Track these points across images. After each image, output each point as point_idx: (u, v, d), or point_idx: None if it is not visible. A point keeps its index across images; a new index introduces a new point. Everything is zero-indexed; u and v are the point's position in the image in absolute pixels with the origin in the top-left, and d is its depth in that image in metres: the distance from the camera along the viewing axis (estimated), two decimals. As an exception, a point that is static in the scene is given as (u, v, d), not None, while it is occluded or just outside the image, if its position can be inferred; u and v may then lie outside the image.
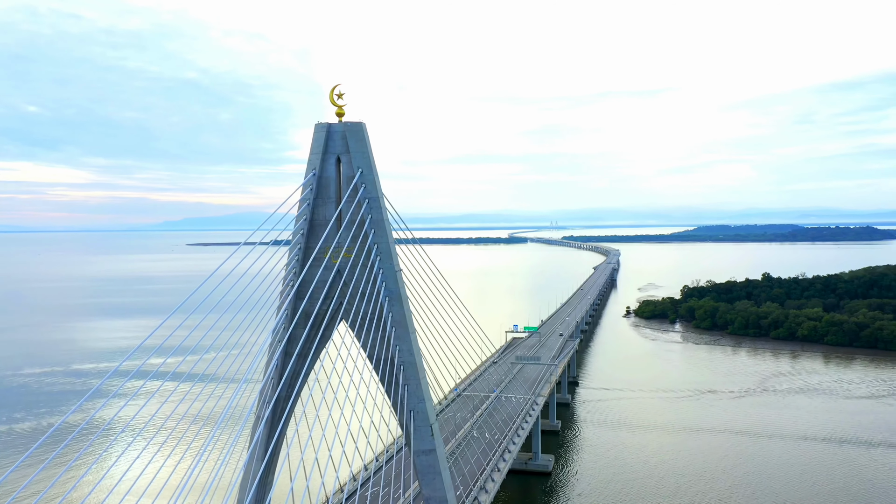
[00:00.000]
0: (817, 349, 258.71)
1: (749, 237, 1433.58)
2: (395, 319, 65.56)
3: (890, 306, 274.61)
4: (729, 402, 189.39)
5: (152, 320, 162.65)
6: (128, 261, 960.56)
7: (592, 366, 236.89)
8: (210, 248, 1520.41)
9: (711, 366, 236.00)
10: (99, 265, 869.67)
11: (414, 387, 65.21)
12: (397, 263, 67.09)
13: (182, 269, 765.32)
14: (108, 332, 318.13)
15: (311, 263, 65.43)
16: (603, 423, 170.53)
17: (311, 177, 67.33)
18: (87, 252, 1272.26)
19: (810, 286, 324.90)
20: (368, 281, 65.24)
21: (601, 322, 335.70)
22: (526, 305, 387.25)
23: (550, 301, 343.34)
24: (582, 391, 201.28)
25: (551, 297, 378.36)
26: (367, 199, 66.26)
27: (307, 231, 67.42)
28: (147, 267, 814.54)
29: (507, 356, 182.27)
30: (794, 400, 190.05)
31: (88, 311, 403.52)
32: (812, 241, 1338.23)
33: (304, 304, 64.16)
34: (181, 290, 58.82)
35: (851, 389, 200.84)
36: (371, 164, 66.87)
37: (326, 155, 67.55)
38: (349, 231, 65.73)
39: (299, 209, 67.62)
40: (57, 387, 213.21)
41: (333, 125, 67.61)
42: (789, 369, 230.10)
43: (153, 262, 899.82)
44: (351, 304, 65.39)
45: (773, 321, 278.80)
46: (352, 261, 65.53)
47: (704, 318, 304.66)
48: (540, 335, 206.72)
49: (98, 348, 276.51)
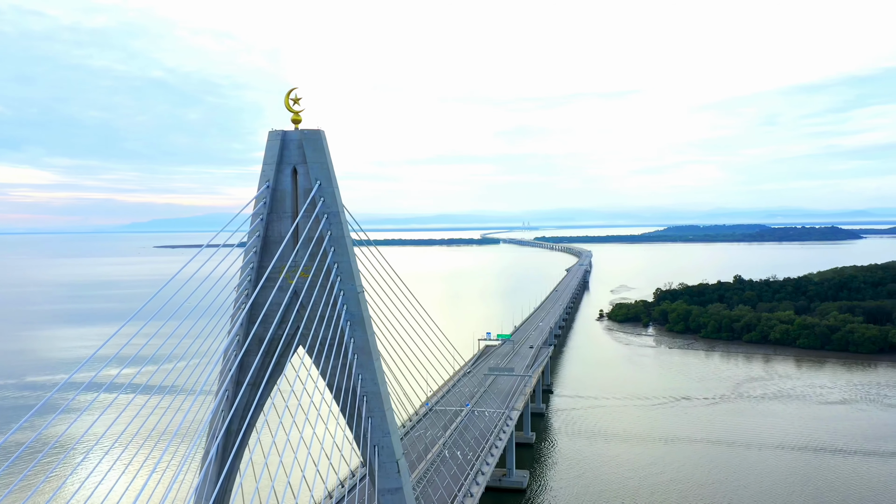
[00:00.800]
0: (789, 352, 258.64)
1: (718, 237, 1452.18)
2: (358, 345, 60.05)
3: (860, 309, 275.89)
4: (704, 409, 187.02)
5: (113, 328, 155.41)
6: (92, 264, 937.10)
7: (567, 372, 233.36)
8: (178, 250, 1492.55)
9: (685, 371, 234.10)
10: (61, 269, 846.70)
11: (378, 419, 59.75)
12: (360, 284, 61.58)
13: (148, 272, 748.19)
14: (66, 340, 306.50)
15: (265, 284, 59.68)
16: (578, 433, 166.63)
17: (264, 189, 61.54)
18: (49, 255, 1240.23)
19: (781, 288, 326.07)
20: (328, 304, 59.67)
21: (574, 326, 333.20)
22: (499, 309, 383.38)
23: (524, 305, 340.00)
24: (556, 399, 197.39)
25: (524, 301, 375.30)
26: (326, 213, 60.68)
27: (260, 249, 61.61)
28: (112, 271, 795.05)
29: (480, 366, 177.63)
30: (768, 406, 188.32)
31: (47, 318, 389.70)
32: (779, 240, 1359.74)
33: (255, 327, 58.41)
34: (146, 296, 53.89)
35: (824, 394, 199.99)
36: (331, 176, 61.29)
37: (281, 165, 61.82)
38: (306, 249, 60.13)
39: (252, 224, 61.81)
40: (7, 401, 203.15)
41: (289, 133, 61.91)
42: (762, 374, 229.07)
43: (119, 266, 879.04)
44: (308, 328, 59.77)
45: (745, 324, 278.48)
46: (309, 281, 59.91)
47: (677, 321, 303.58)
48: (513, 343, 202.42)
49: (53, 358, 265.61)
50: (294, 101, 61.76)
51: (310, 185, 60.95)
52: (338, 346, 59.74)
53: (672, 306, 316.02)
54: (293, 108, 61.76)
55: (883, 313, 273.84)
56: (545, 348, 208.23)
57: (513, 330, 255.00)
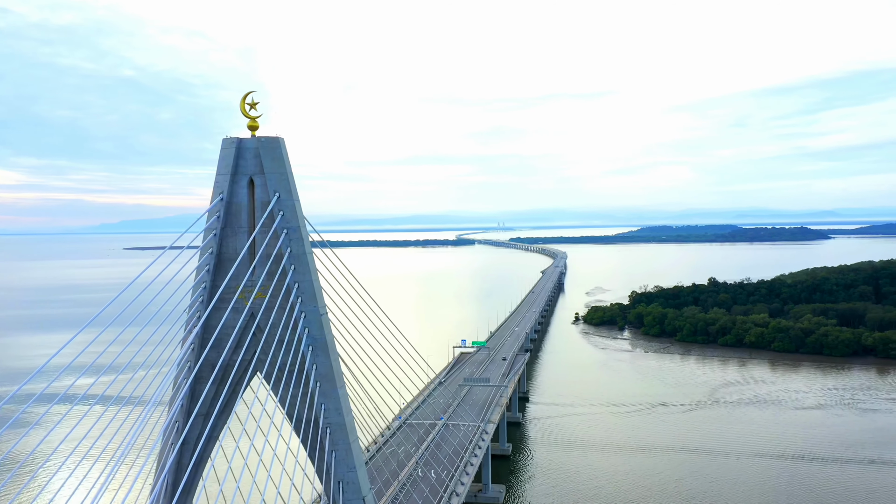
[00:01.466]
0: (764, 356, 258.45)
1: (690, 238, 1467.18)
2: (320, 373, 55.35)
3: (833, 311, 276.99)
4: (680, 415, 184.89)
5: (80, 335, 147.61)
6: (59, 267, 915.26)
7: (543, 378, 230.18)
8: (148, 252, 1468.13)
9: (661, 376, 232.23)
10: (26, 272, 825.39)
11: (343, 453, 55.10)
12: (323, 306, 56.84)
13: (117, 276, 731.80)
14: (26, 348, 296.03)
15: (219, 305, 54.73)
16: (555, 443, 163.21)
17: (217, 202, 56.57)
18: (15, 257, 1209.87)
19: (755, 291, 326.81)
20: (287, 327, 54.90)
21: (550, 330, 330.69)
22: (474, 313, 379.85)
23: (499, 309, 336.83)
24: (532, 407, 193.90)
25: (500, 304, 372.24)
26: (285, 228, 55.88)
27: (213, 267, 56.57)
28: (79, 274, 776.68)
29: (455, 375, 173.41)
30: (744, 412, 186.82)
31: (8, 324, 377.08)
32: (750, 241, 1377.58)
33: (206, 351, 53.43)
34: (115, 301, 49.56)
35: (800, 399, 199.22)
36: (290, 188, 56.48)
37: (237, 176, 56.89)
38: (264, 267, 55.29)
39: (204, 240, 56.80)
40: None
41: (245, 140, 57.01)
42: (738, 378, 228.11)
43: (86, 269, 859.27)
44: (266, 354, 54.94)
45: (720, 328, 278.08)
46: (267, 302, 55.10)
47: (653, 324, 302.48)
48: (489, 350, 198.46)
49: (9, 367, 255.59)
50: (251, 106, 56.88)
51: (268, 198, 56.14)
52: (298, 373, 55.02)
53: (647, 309, 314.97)
54: (249, 114, 56.89)
55: (855, 316, 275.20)
56: (521, 355, 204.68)
57: (488, 336, 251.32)
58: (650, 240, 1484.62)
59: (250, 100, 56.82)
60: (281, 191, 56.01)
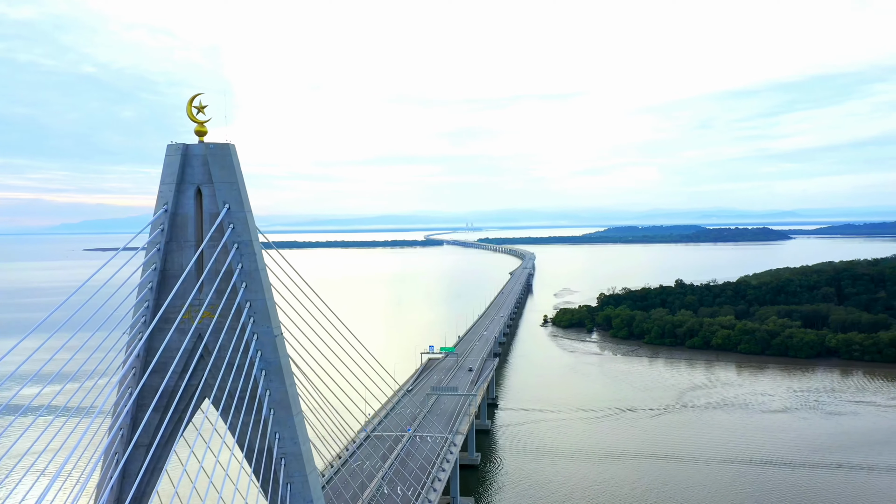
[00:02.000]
0: (731, 358, 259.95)
1: (656, 238, 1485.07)
2: (274, 399, 51.17)
3: (797, 313, 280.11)
4: (649, 420, 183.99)
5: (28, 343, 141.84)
6: (15, 269, 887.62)
7: (512, 383, 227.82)
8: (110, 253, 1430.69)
9: (630, 379, 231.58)
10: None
11: (299, 485, 51.03)
12: (277, 326, 52.69)
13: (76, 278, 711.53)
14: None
15: (162, 326, 50.26)
16: (524, 451, 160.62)
17: (161, 213, 52.01)
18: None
19: (721, 292, 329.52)
20: (238, 349, 50.62)
21: (518, 333, 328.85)
22: (443, 316, 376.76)
23: (468, 312, 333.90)
24: (502, 414, 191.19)
25: (469, 307, 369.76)
26: (236, 243, 51.57)
27: (157, 284, 52.01)
28: (35, 276, 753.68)
29: (423, 382, 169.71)
30: (712, 416, 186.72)
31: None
32: (714, 241, 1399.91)
33: (146, 376, 48.95)
34: (68, 305, 45.13)
35: (766, 402, 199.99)
36: (242, 199, 52.19)
37: (183, 185, 52.38)
38: (212, 284, 50.93)
39: (147, 255, 52.23)
40: None
41: (192, 147, 52.55)
42: (705, 381, 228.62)
43: (43, 271, 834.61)
44: (214, 378, 50.61)
45: (688, 330, 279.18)
46: (215, 322, 50.76)
47: (621, 326, 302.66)
48: (457, 356, 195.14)
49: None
50: (198, 110, 52.42)
51: (217, 209, 51.75)
52: (250, 399, 50.77)
53: (616, 312, 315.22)
54: (197, 118, 52.43)
55: (819, 317, 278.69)
56: (490, 360, 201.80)
57: (457, 341, 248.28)
58: (617, 240, 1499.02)
59: (198, 103, 52.38)
60: (231, 202, 51.70)
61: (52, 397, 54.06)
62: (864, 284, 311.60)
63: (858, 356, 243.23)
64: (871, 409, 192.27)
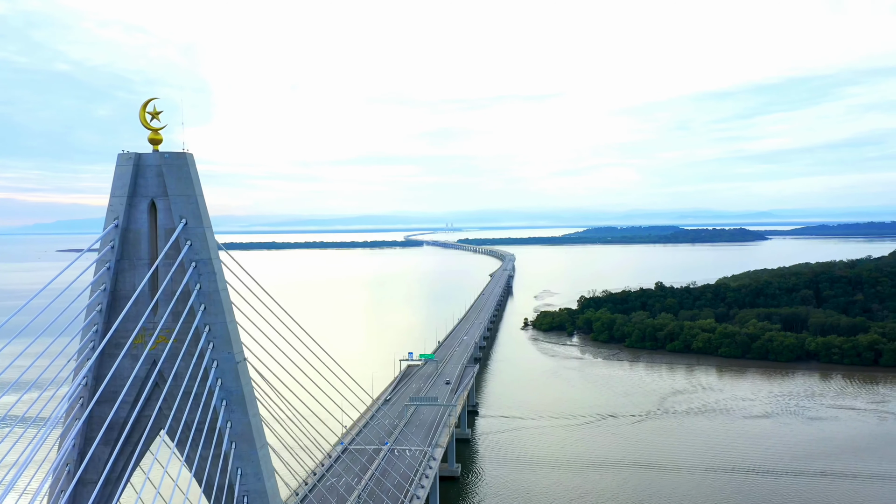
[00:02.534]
0: (712, 361, 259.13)
1: (635, 239, 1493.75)
2: (236, 431, 47.10)
3: (777, 316, 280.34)
4: (630, 427, 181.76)
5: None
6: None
7: (493, 389, 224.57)
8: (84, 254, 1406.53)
9: (611, 384, 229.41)
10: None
11: (262, 525, 46.99)
12: (240, 351, 48.62)
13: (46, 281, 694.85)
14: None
15: (112, 351, 46.06)
16: (505, 460, 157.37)
17: (111, 229, 47.75)
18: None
19: (701, 295, 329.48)
20: (195, 377, 46.51)
21: (499, 337, 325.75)
22: (422, 320, 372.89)
23: (448, 316, 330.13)
24: (482, 422, 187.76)
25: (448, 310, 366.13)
26: (194, 261, 47.46)
27: (107, 306, 47.72)
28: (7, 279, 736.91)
29: (402, 391, 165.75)
30: (694, 423, 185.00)
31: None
32: (692, 242, 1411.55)
33: (92, 405, 44.70)
34: (33, 309, 40.71)
35: (748, 407, 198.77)
36: (200, 213, 48.06)
37: (135, 199, 48.19)
38: (167, 306, 46.78)
39: (95, 274, 47.92)
40: None
41: (145, 156, 48.37)
42: (686, 385, 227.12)
43: (12, 273, 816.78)
44: (170, 409, 46.46)
45: (668, 333, 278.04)
46: (171, 347, 46.62)
47: (602, 330, 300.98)
48: (437, 363, 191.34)
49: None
50: (152, 116, 48.22)
51: (173, 225, 47.61)
52: (209, 431, 46.68)
53: (596, 315, 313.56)
54: (151, 125, 48.23)
55: (798, 320, 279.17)
56: (470, 367, 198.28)
57: (436, 346, 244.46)
58: (596, 241, 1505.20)
59: (151, 108, 48.17)
60: (188, 216, 47.56)
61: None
62: (841, 287, 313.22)
63: (838, 359, 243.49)
64: (851, 414, 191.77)
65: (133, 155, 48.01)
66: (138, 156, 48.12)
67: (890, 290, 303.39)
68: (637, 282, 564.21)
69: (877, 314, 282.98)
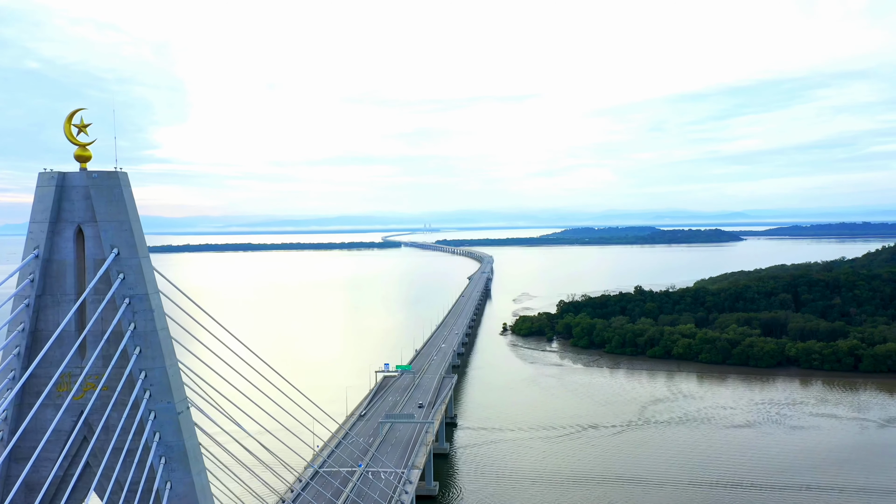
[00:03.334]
0: (692, 367, 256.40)
1: (612, 240, 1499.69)
2: (177, 493, 41.04)
3: (756, 321, 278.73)
4: (611, 438, 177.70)
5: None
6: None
7: (471, 397, 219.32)
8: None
9: (591, 392, 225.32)
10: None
11: None
12: (183, 400, 42.57)
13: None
14: None
15: (30, 401, 39.80)
16: (484, 476, 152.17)
17: (31, 260, 41.45)
18: None
19: (681, 299, 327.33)
20: (129, 430, 40.39)
21: (477, 343, 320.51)
22: (401, 324, 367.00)
23: (426, 320, 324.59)
24: (461, 434, 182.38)
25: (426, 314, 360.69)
26: (127, 297, 41.33)
27: (25, 348, 41.40)
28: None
29: (378, 404, 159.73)
30: (675, 433, 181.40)
31: None
32: (668, 243, 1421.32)
33: (7, 464, 38.44)
34: None
35: (729, 416, 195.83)
36: (135, 241, 41.94)
37: (59, 225, 41.96)
38: (95, 348, 40.62)
39: (13, 311, 41.57)
40: None
41: (71, 176, 42.17)
42: (667, 393, 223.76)
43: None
44: (98, 466, 40.28)
45: (648, 339, 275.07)
46: (99, 395, 40.48)
47: (582, 335, 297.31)
48: (414, 374, 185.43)
49: None
50: (79, 129, 41.99)
51: (103, 255, 41.44)
52: (145, 492, 40.57)
53: (576, 320, 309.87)
54: (78, 139, 42.02)
55: (777, 324, 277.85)
56: (448, 377, 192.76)
57: (414, 355, 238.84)
58: (574, 242, 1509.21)
59: (78, 120, 41.98)
60: (121, 245, 41.42)
61: None
62: (819, 291, 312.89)
63: (818, 365, 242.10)
64: (832, 423, 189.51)
65: (56, 174, 41.76)
66: (62, 175, 41.90)
67: (867, 294, 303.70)
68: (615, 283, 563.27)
69: (855, 318, 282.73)
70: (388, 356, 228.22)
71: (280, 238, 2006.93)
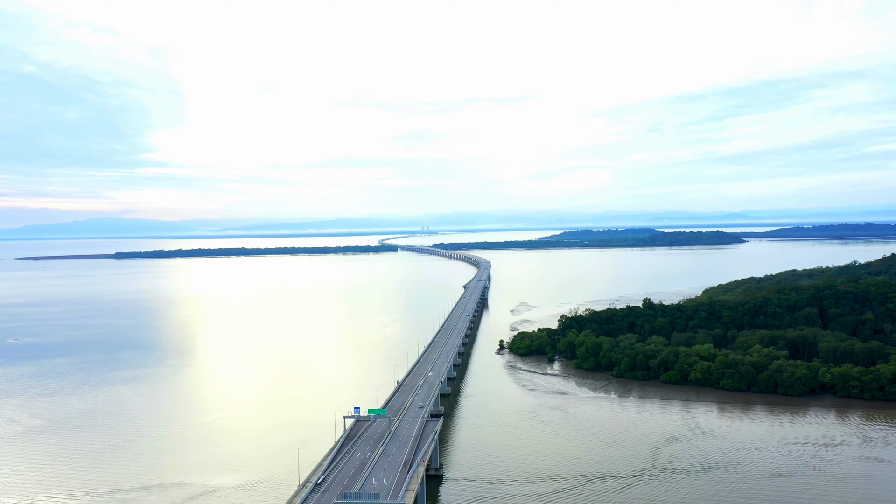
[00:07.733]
0: (711, 396, 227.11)
1: (612, 242, 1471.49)
2: None
3: (782, 340, 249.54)
4: (620, 494, 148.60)
5: None
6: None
7: (461, 439, 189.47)
8: (42, 262, 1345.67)
9: (597, 429, 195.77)
10: None
11: None
12: None
13: None
14: None
15: None
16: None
17: None
18: None
19: (695, 314, 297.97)
20: None
21: (471, 365, 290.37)
22: (387, 341, 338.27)
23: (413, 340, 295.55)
24: (446, 489, 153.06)
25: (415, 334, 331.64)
26: None
27: None
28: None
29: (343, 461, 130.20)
30: (696, 486, 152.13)
31: None
32: (669, 245, 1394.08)
33: None
34: None
35: (758, 461, 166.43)
36: None
37: None
38: None
39: None
40: None
41: None
42: (684, 430, 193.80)
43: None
44: None
45: (662, 361, 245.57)
46: None
47: (587, 356, 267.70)
48: (390, 420, 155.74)
49: None
50: None
51: None
52: None
53: (580, 338, 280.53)
54: None
55: (806, 344, 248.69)
56: (432, 422, 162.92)
57: (395, 387, 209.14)
58: (572, 245, 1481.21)
59: None
60: None
61: None
62: (847, 304, 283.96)
63: (857, 393, 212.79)
64: (883, 469, 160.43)
65: None
66: None
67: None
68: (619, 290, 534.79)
69: (890, 336, 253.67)
70: (366, 386, 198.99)
71: (275, 242, 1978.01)
